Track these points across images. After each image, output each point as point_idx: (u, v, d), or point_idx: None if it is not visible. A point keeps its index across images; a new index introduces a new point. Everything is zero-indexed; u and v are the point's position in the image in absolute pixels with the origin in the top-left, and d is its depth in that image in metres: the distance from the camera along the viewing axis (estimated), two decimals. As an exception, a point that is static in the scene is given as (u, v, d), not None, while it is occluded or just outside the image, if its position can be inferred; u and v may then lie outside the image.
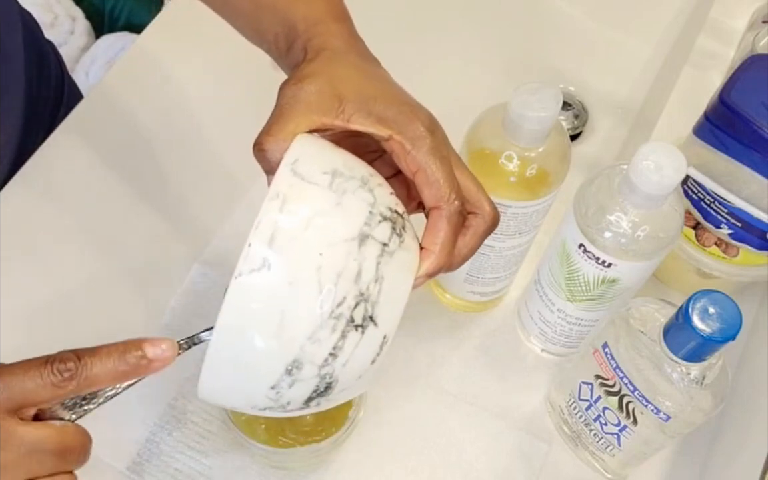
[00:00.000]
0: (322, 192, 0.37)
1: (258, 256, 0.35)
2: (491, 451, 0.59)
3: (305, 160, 0.38)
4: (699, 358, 0.46)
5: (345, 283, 0.36)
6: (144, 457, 0.57)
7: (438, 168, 0.40)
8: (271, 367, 0.37)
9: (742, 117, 0.53)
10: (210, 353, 0.37)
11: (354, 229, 0.37)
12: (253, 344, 0.36)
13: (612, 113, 0.80)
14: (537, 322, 0.61)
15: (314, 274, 0.36)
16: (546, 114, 0.49)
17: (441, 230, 0.40)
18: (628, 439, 0.53)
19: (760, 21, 0.68)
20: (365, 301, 0.37)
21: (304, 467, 0.57)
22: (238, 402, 0.40)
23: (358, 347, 0.37)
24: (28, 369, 0.37)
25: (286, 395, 0.38)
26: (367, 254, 0.37)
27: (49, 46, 0.78)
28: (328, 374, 0.37)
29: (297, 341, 0.36)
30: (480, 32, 0.85)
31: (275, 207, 0.36)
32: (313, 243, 0.36)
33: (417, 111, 0.41)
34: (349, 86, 0.41)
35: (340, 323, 0.36)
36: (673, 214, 0.50)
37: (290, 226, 0.36)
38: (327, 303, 0.36)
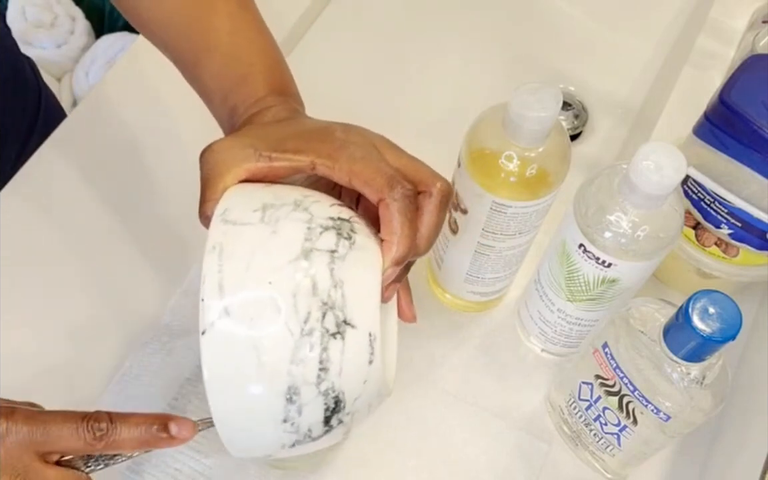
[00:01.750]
0: (255, 228, 0.38)
1: (214, 308, 0.37)
2: (491, 451, 0.59)
3: (234, 207, 0.39)
4: (699, 358, 0.46)
5: (303, 299, 0.37)
6: (144, 457, 0.57)
7: (365, 166, 0.41)
8: (271, 402, 0.38)
9: (742, 117, 0.53)
10: (213, 411, 0.38)
11: (295, 249, 0.38)
12: (243, 389, 0.37)
13: (612, 113, 0.80)
14: (537, 322, 0.61)
15: (270, 303, 0.37)
16: (546, 114, 0.49)
17: (392, 219, 0.41)
18: (628, 439, 0.53)
19: (760, 21, 0.68)
20: (331, 308, 0.37)
21: (304, 467, 0.57)
22: (268, 447, 0.41)
23: (345, 353, 0.38)
24: (66, 420, 0.41)
25: (302, 423, 0.39)
26: (317, 266, 0.38)
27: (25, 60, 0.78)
28: (329, 389, 0.38)
29: (282, 369, 0.37)
30: (480, 32, 0.85)
31: (215, 258, 0.37)
32: (259, 276, 0.37)
33: (327, 128, 0.43)
34: (258, 136, 0.43)
35: (315, 337, 0.37)
36: (673, 214, 0.50)
37: (233, 269, 0.37)
38: (293, 323, 0.37)
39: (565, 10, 0.88)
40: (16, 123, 0.75)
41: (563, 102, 0.62)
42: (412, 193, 0.41)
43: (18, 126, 0.75)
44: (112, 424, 0.41)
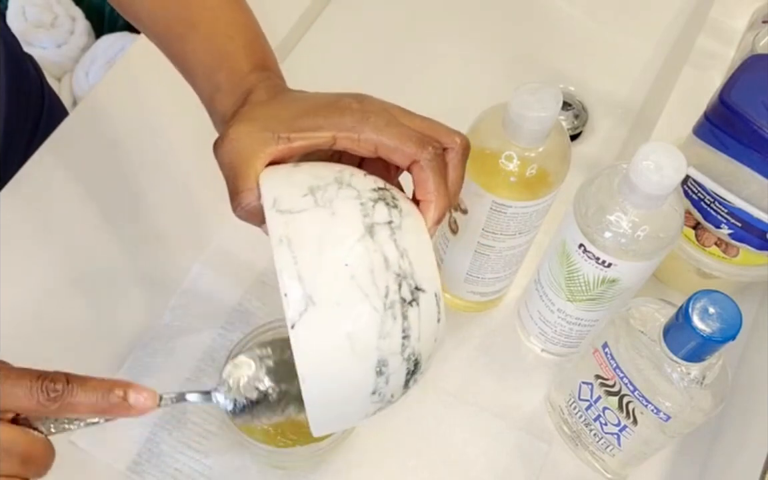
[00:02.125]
0: (314, 213, 0.38)
1: (298, 300, 0.36)
2: (491, 451, 0.59)
3: (282, 196, 0.39)
4: (699, 358, 0.46)
5: (380, 274, 0.38)
6: (144, 457, 0.57)
7: (391, 134, 0.41)
8: (363, 380, 0.38)
9: (742, 117, 0.53)
10: (308, 405, 0.38)
11: (358, 226, 0.38)
12: (338, 376, 0.38)
13: (612, 113, 0.80)
14: (537, 322, 0.61)
15: (352, 283, 0.37)
16: (546, 114, 0.49)
17: (427, 179, 0.41)
18: (628, 439, 0.53)
19: (760, 21, 0.68)
20: (404, 278, 0.38)
21: (304, 467, 0.57)
22: (352, 420, 0.43)
23: (421, 317, 0.39)
24: (21, 377, 0.38)
25: (387, 391, 0.39)
26: (382, 240, 0.38)
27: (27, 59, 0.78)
28: (411, 354, 0.39)
29: (371, 347, 0.37)
30: (480, 32, 0.85)
31: (285, 250, 0.37)
32: (334, 260, 0.37)
33: (341, 100, 0.42)
34: (273, 118, 0.42)
35: (396, 309, 0.38)
36: (673, 214, 0.50)
37: (307, 258, 0.37)
38: (377, 301, 0.37)
39: (565, 10, 0.88)
40: (21, 122, 0.75)
41: (563, 102, 0.62)
42: (441, 150, 0.42)
43: (23, 125, 0.75)
44: (68, 386, 0.39)
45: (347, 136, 0.41)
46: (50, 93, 0.82)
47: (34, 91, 0.77)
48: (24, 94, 0.75)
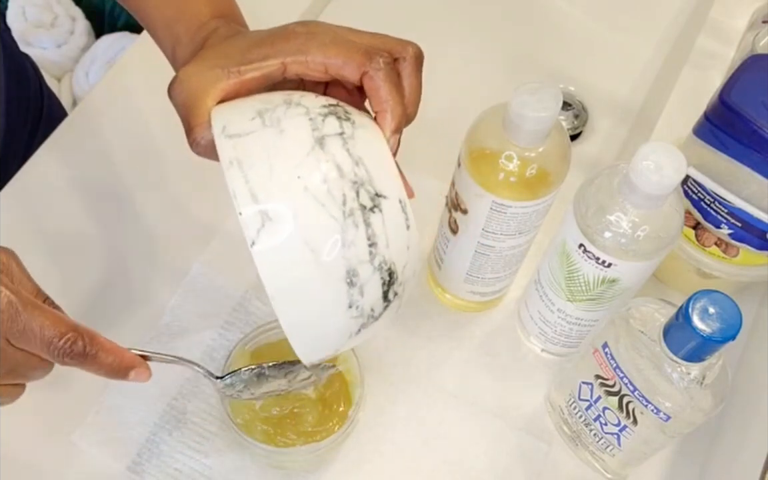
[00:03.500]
0: (262, 133, 0.38)
1: (254, 217, 0.36)
2: (491, 451, 0.59)
3: (230, 122, 0.39)
4: (699, 358, 0.46)
5: (334, 184, 0.38)
6: (144, 457, 0.57)
7: (338, 49, 0.41)
8: (335, 293, 0.38)
9: (742, 117, 0.53)
10: (284, 325, 0.38)
11: (307, 141, 0.38)
12: (306, 288, 0.37)
13: (612, 113, 0.80)
14: (537, 322, 0.61)
15: (306, 194, 0.37)
16: (546, 114, 0.49)
17: (379, 88, 0.41)
18: (628, 439, 0.53)
19: (760, 21, 0.68)
20: (361, 185, 0.38)
21: (304, 467, 0.57)
22: (337, 339, 0.41)
23: (386, 224, 0.39)
24: (55, 324, 0.40)
25: (366, 303, 0.39)
26: (333, 150, 0.38)
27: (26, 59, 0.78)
28: (382, 263, 0.39)
29: (336, 255, 0.37)
30: (480, 32, 0.85)
31: (236, 171, 0.37)
32: (286, 174, 0.37)
33: (286, 28, 0.42)
34: (219, 55, 0.42)
35: (357, 217, 0.38)
36: (673, 214, 0.50)
37: (258, 175, 0.37)
38: (334, 209, 0.37)
39: (565, 9, 0.88)
40: (20, 122, 0.75)
41: (563, 102, 0.62)
42: (391, 60, 0.41)
43: (22, 125, 0.75)
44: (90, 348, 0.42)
45: (295, 60, 0.41)
46: (49, 93, 0.82)
47: (32, 91, 0.77)
48: (23, 94, 0.75)
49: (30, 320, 0.40)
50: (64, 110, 0.86)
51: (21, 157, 0.73)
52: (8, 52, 0.73)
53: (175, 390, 0.60)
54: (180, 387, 0.60)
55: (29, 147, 0.75)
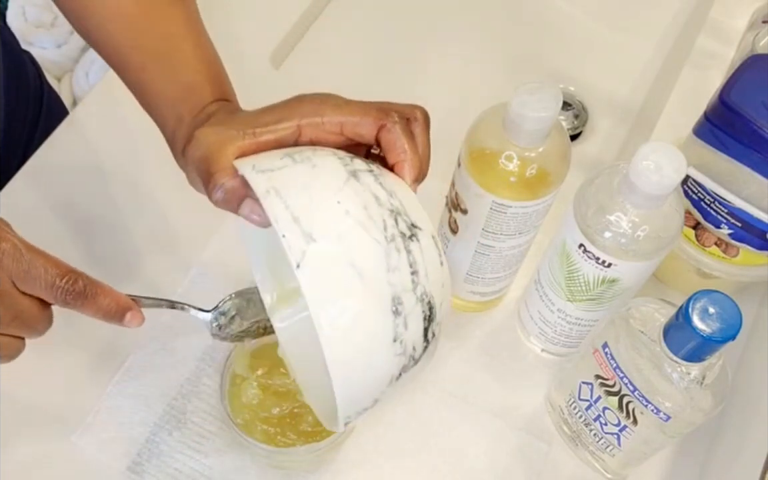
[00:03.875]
0: (295, 168, 0.38)
1: (299, 239, 0.35)
2: (491, 451, 0.59)
3: (260, 161, 0.39)
4: (699, 358, 0.46)
5: (374, 210, 0.37)
6: (144, 457, 0.57)
7: (353, 109, 0.42)
8: (382, 318, 0.36)
9: (742, 117, 0.53)
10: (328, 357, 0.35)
11: (342, 173, 0.38)
12: (353, 314, 0.36)
13: (612, 113, 0.80)
14: (537, 322, 0.61)
15: (348, 218, 0.36)
16: (546, 114, 0.49)
17: (397, 139, 0.41)
18: (628, 439, 0.53)
19: (760, 21, 0.68)
20: (398, 213, 0.38)
21: (304, 467, 0.58)
22: (379, 382, 0.38)
23: (424, 254, 0.38)
24: (56, 265, 0.43)
25: (408, 338, 0.38)
26: (367, 182, 0.38)
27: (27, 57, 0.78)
28: (423, 294, 0.38)
29: (382, 279, 0.36)
30: (480, 32, 0.85)
31: (275, 199, 0.36)
32: (325, 200, 0.37)
33: (297, 97, 0.43)
34: (236, 122, 0.43)
35: (397, 242, 0.37)
36: (673, 214, 0.50)
37: (299, 202, 0.36)
38: (377, 233, 0.37)
39: (565, 10, 0.88)
40: (20, 118, 0.75)
41: (563, 102, 0.62)
42: (404, 118, 0.42)
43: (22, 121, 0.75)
44: (84, 297, 0.43)
45: (311, 122, 0.41)
46: (49, 90, 0.82)
47: (33, 87, 0.77)
48: (23, 90, 0.75)
49: (33, 261, 0.42)
50: (64, 107, 0.86)
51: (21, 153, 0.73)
52: (8, 49, 0.73)
53: (175, 390, 0.60)
54: (180, 387, 0.60)
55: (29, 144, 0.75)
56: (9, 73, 0.72)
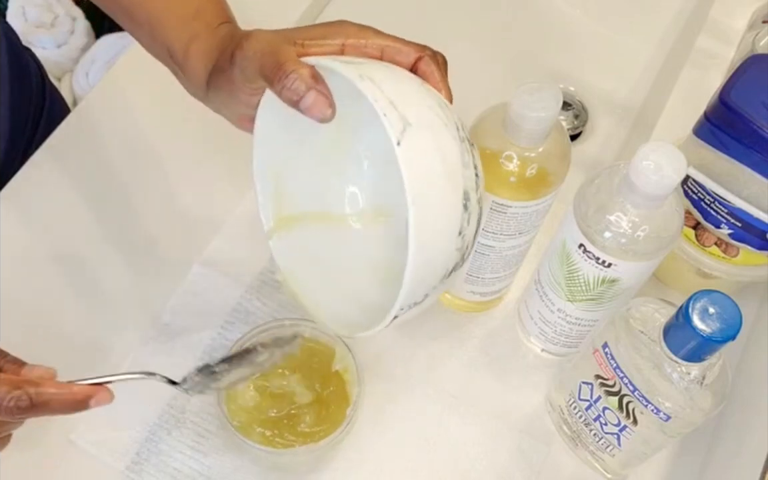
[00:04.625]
0: (374, 64, 0.41)
1: (398, 120, 0.37)
2: (491, 451, 0.59)
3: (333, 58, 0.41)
4: (699, 358, 0.46)
5: (447, 111, 0.40)
6: (143, 456, 0.57)
7: (392, 37, 0.44)
8: (454, 209, 0.39)
9: (742, 117, 0.53)
10: (413, 227, 0.37)
11: (414, 77, 0.42)
12: (437, 196, 0.38)
13: (612, 113, 0.80)
14: (537, 322, 0.61)
15: (432, 112, 0.39)
16: (546, 114, 0.49)
17: (433, 72, 0.44)
18: (628, 439, 0.53)
19: (760, 21, 0.68)
20: (461, 123, 0.41)
21: (303, 467, 0.57)
22: (436, 275, 0.40)
23: (477, 163, 0.41)
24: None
25: (467, 235, 0.40)
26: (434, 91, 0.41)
27: (29, 56, 0.78)
28: (479, 199, 0.40)
29: (458, 173, 0.39)
30: (480, 32, 0.85)
31: (370, 84, 0.38)
32: (412, 94, 0.39)
33: (339, 20, 0.45)
34: (282, 32, 0.44)
35: (466, 144, 0.40)
36: (673, 214, 0.50)
37: (392, 89, 0.38)
38: (453, 131, 0.39)
39: (565, 10, 0.88)
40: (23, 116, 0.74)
41: (563, 102, 0.62)
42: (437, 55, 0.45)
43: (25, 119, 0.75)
44: (35, 407, 0.42)
45: (354, 43, 0.43)
46: (52, 89, 0.82)
47: (35, 86, 0.77)
48: (26, 89, 0.75)
49: None
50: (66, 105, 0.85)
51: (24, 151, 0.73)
52: (11, 48, 0.73)
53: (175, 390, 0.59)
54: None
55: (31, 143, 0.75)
56: (12, 72, 0.72)
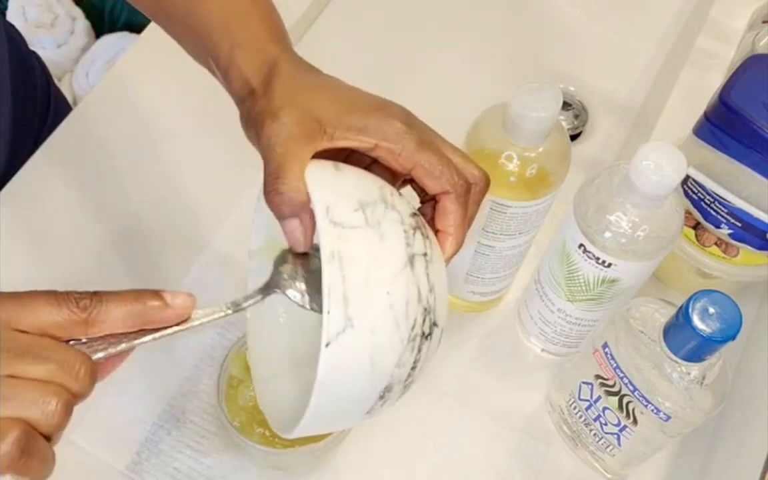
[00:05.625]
0: (364, 232, 0.38)
1: (340, 320, 0.36)
2: (491, 451, 0.59)
3: (334, 205, 0.39)
4: (699, 358, 0.46)
5: (412, 307, 0.38)
6: (143, 456, 0.57)
7: (431, 159, 0.41)
8: (367, 400, 0.39)
9: (742, 117, 0.53)
10: (310, 412, 0.38)
11: (402, 256, 0.38)
12: (349, 393, 0.38)
13: (612, 113, 0.80)
14: (537, 322, 0.61)
15: (389, 313, 0.38)
16: (546, 114, 0.49)
17: (453, 213, 0.41)
18: (628, 439, 0.53)
19: (760, 21, 0.68)
20: (428, 313, 0.39)
21: (303, 467, 0.57)
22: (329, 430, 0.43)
23: (428, 351, 0.40)
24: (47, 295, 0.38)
25: (377, 412, 0.40)
26: (418, 272, 0.39)
27: (34, 57, 0.78)
28: (410, 383, 0.40)
29: (387, 373, 0.38)
30: (480, 32, 0.85)
31: (336, 268, 0.37)
32: (378, 287, 0.38)
33: (390, 110, 0.42)
34: (320, 107, 0.41)
35: (416, 342, 0.39)
36: (673, 214, 0.50)
37: (354, 280, 0.37)
38: (404, 332, 0.38)
39: (565, 10, 0.88)
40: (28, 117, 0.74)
41: (563, 102, 0.62)
42: (468, 186, 0.42)
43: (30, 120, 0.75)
44: (96, 297, 0.39)
45: (388, 148, 0.41)
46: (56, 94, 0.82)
47: (40, 87, 0.77)
48: (30, 89, 0.75)
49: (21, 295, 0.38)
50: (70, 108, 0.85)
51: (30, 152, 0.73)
52: (15, 48, 0.72)
53: (175, 390, 0.60)
54: (179, 386, 0.60)
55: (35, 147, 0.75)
56: (16, 74, 0.72)
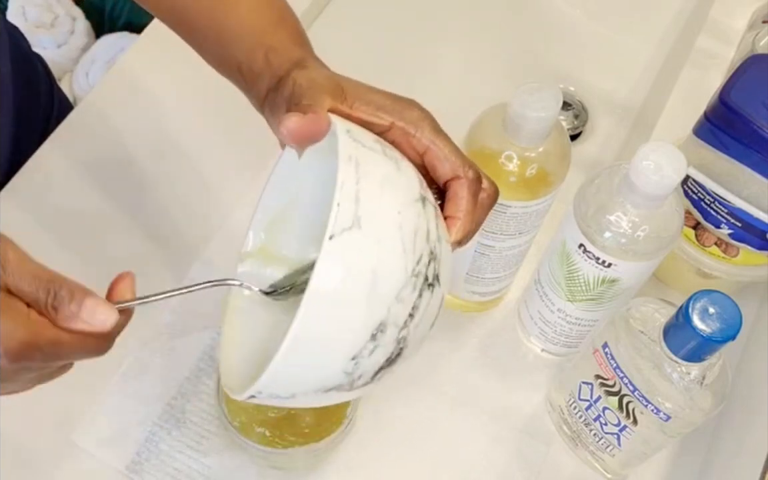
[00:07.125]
0: (382, 158, 0.38)
1: (348, 215, 0.35)
2: (491, 451, 0.59)
3: (355, 130, 0.39)
4: (699, 358, 0.46)
5: (420, 241, 0.37)
6: (143, 456, 0.57)
7: (446, 143, 0.41)
8: (358, 332, 0.36)
9: (742, 117, 0.53)
10: (300, 321, 0.34)
11: (416, 191, 0.38)
12: (344, 310, 0.35)
13: (612, 113, 0.80)
14: (537, 322, 0.61)
15: (397, 232, 0.36)
16: (546, 114, 0.49)
17: (463, 198, 0.41)
18: (628, 439, 0.53)
19: (760, 21, 0.68)
20: (434, 259, 0.37)
21: (303, 467, 0.57)
22: (305, 385, 0.38)
23: (428, 306, 0.38)
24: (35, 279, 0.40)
25: (362, 366, 0.37)
26: (429, 215, 0.38)
27: (36, 59, 0.78)
28: (403, 338, 0.37)
29: (386, 302, 0.36)
30: (480, 32, 0.85)
31: (352, 169, 0.36)
32: (390, 203, 0.36)
33: (409, 100, 0.43)
34: (344, 80, 0.42)
35: (419, 281, 0.37)
36: (673, 214, 0.50)
37: (369, 186, 0.36)
38: (409, 262, 0.36)
39: (565, 10, 0.88)
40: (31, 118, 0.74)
41: (563, 102, 0.62)
42: (479, 178, 0.42)
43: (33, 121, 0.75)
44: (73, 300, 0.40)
45: (403, 129, 0.41)
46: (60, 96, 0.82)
47: (43, 88, 0.77)
48: (33, 90, 0.75)
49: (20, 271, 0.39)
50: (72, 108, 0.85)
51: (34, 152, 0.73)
52: (17, 48, 0.72)
53: (175, 390, 0.60)
54: (179, 387, 0.60)
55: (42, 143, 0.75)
56: (18, 73, 0.71)
